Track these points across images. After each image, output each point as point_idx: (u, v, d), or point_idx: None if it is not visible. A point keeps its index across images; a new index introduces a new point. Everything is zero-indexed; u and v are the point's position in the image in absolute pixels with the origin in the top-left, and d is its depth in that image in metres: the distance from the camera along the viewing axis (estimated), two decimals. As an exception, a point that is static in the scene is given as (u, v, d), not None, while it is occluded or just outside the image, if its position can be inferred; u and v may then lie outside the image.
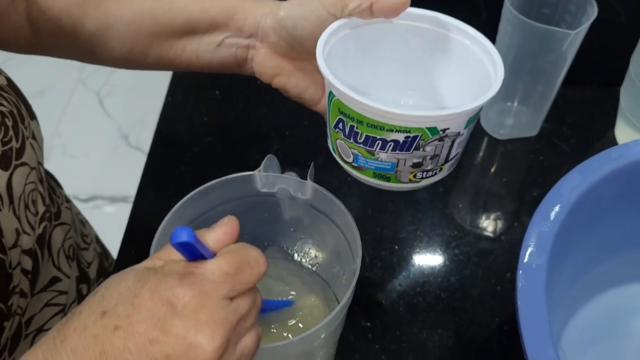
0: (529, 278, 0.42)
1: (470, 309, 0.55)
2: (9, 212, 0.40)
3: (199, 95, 0.73)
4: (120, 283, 0.29)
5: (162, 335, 0.27)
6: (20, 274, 0.41)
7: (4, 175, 0.40)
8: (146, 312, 0.27)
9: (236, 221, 0.32)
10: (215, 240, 0.31)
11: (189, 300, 0.27)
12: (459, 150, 0.44)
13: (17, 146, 0.42)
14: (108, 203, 1.55)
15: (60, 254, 0.48)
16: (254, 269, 0.30)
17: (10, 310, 0.40)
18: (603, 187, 0.48)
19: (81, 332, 0.27)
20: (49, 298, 0.46)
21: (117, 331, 0.27)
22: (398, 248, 0.59)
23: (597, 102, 0.72)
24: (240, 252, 0.30)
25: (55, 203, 0.49)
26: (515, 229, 0.61)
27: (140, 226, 0.59)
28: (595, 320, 0.53)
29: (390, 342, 0.52)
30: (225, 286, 0.29)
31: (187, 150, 0.67)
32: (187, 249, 0.29)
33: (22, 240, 0.41)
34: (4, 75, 0.45)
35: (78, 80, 1.86)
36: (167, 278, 0.28)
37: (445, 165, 0.44)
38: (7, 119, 0.41)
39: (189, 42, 0.46)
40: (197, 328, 0.27)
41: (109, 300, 0.28)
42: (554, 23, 0.61)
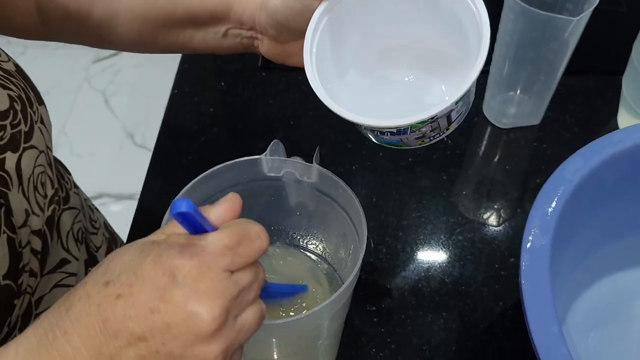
0: (532, 257, 0.42)
1: (474, 293, 0.55)
2: (18, 193, 0.40)
3: (205, 86, 0.74)
4: (124, 255, 0.29)
5: (162, 305, 0.27)
6: (29, 254, 0.41)
7: (13, 157, 0.40)
8: (148, 282, 0.28)
9: (239, 198, 0.32)
10: (217, 216, 0.31)
11: (189, 270, 0.28)
12: (463, 110, 0.43)
13: (26, 129, 0.42)
14: (114, 201, 1.56)
15: (69, 237, 0.49)
16: (255, 243, 0.30)
17: (21, 289, 0.41)
18: (605, 170, 0.49)
19: (85, 300, 0.28)
20: (59, 279, 0.47)
21: (119, 300, 0.27)
22: (402, 234, 0.60)
23: (599, 91, 0.72)
24: (242, 226, 0.30)
25: (64, 188, 0.50)
26: (519, 215, 0.61)
27: (148, 212, 0.60)
28: (598, 304, 0.54)
29: (395, 326, 0.53)
30: (225, 258, 0.29)
31: (194, 141, 0.68)
32: (188, 221, 0.29)
33: (31, 221, 0.41)
34: (12, 61, 0.45)
35: (84, 79, 1.87)
36: (169, 249, 0.29)
37: (452, 125, 0.44)
38: (16, 103, 0.42)
39: (195, 32, 0.46)
40: (197, 298, 0.28)
41: (112, 270, 0.29)
42: (555, 11, 0.62)
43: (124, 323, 0.27)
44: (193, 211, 0.28)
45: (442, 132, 0.44)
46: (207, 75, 0.75)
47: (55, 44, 1.94)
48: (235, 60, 0.76)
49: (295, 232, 0.52)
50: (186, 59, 0.77)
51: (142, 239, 0.31)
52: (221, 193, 0.46)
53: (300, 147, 0.67)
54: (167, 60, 1.84)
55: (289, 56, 0.46)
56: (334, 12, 0.43)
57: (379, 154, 0.66)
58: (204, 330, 0.28)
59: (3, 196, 0.39)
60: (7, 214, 0.39)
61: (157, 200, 0.63)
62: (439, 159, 0.66)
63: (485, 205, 0.62)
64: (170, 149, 0.67)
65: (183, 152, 0.67)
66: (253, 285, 0.31)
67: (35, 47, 1.92)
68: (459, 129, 0.69)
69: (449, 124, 0.43)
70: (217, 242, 0.29)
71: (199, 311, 0.27)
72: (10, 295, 0.39)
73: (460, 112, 0.43)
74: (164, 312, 0.27)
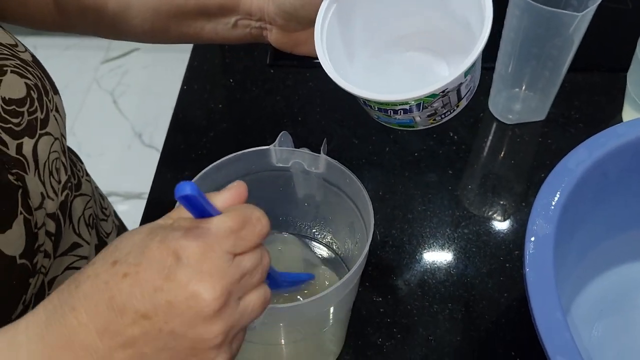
0: (536, 246, 0.43)
1: (479, 285, 0.56)
2: (34, 177, 0.42)
3: (213, 83, 0.75)
4: (133, 236, 0.30)
5: (165, 283, 0.28)
6: (44, 235, 0.43)
7: (30, 142, 0.42)
8: (154, 262, 0.28)
9: (244, 185, 0.33)
10: (223, 201, 0.32)
11: (192, 251, 0.28)
12: (472, 85, 0.44)
13: (42, 117, 0.44)
14: (123, 200, 1.57)
15: (80, 221, 0.50)
16: (256, 227, 0.31)
17: (35, 268, 0.42)
18: (609, 162, 0.49)
19: (94, 278, 0.29)
20: (70, 262, 0.48)
21: (125, 278, 0.28)
22: (408, 227, 0.60)
23: (604, 88, 0.73)
24: (243, 211, 0.31)
25: (76, 175, 0.51)
26: (523, 209, 0.62)
27: (158, 205, 0.61)
28: (602, 296, 0.54)
29: (401, 316, 0.54)
30: (229, 241, 0.29)
31: (203, 136, 0.69)
32: (193, 205, 0.29)
33: (46, 204, 0.43)
34: (29, 52, 0.47)
35: (93, 80, 1.89)
36: (174, 231, 0.29)
37: (461, 102, 0.44)
38: (33, 91, 0.43)
39: (206, 22, 0.48)
40: (199, 278, 0.28)
41: (120, 250, 0.29)
42: (560, 7, 0.62)
43: (130, 301, 0.28)
44: (197, 193, 0.28)
45: (452, 110, 0.44)
46: (216, 72, 0.77)
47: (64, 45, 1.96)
48: (244, 57, 0.77)
49: (303, 223, 0.53)
50: (195, 56, 0.78)
51: (151, 222, 0.32)
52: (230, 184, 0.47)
53: (308, 142, 0.68)
54: (175, 61, 1.87)
55: (297, 45, 0.47)
56: (340, 1, 0.44)
57: (385, 149, 0.67)
58: (205, 310, 0.28)
59: (20, 179, 0.40)
60: (24, 196, 0.40)
61: (166, 193, 0.64)
62: (445, 153, 0.67)
63: (491, 199, 0.63)
64: (179, 144, 0.68)
65: (192, 147, 0.68)
66: (257, 268, 0.31)
67: (44, 47, 1.94)
68: (464, 124, 0.70)
69: (459, 100, 0.44)
70: (220, 225, 0.30)
71: (200, 291, 0.28)
72: (26, 274, 0.41)
73: (469, 88, 0.44)
74: (167, 291, 0.28)
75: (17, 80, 0.43)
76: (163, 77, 1.88)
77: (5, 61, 0.43)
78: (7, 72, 0.42)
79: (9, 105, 0.41)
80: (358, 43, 0.47)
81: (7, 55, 0.43)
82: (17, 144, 0.41)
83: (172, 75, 1.58)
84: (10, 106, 0.41)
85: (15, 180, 0.40)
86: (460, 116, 0.70)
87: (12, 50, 0.44)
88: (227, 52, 0.78)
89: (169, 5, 0.47)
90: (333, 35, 0.44)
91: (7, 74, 0.42)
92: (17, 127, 0.41)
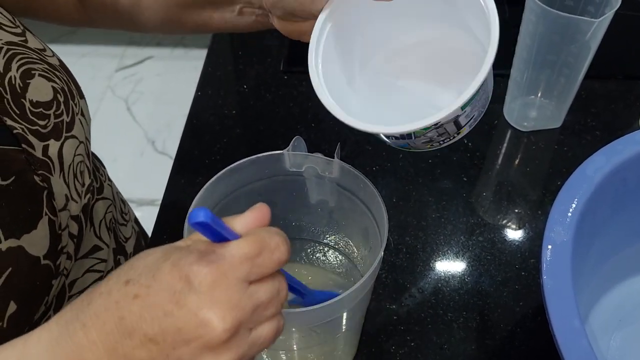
0: (554, 253, 0.42)
1: (494, 293, 0.55)
2: (59, 179, 0.42)
3: (227, 89, 0.75)
4: (148, 256, 0.30)
5: (175, 309, 0.27)
6: (67, 237, 0.43)
7: (56, 144, 0.42)
8: (165, 285, 0.28)
9: (267, 207, 0.32)
10: (243, 225, 0.31)
11: (204, 277, 0.28)
12: (475, 115, 0.42)
13: (68, 120, 0.44)
14: (136, 206, 1.58)
15: (101, 225, 0.50)
16: (275, 255, 0.29)
17: (58, 270, 0.42)
18: (627, 169, 0.48)
19: (106, 297, 0.29)
20: (90, 265, 0.48)
21: (136, 299, 0.28)
22: (422, 234, 0.60)
23: (621, 95, 0.72)
24: (263, 236, 0.30)
25: (99, 179, 0.52)
26: (539, 217, 0.61)
27: (172, 209, 0.61)
28: (621, 305, 0.53)
29: (415, 324, 0.53)
30: (243, 268, 0.29)
31: (217, 142, 0.69)
32: (209, 230, 0.29)
33: (70, 206, 0.43)
34: (56, 57, 0.48)
35: (107, 87, 1.91)
36: (188, 255, 0.29)
37: (463, 129, 0.43)
38: (59, 95, 0.44)
39: (213, 11, 0.48)
40: (210, 306, 0.27)
41: (135, 270, 0.29)
42: (577, 13, 0.62)
43: (139, 323, 0.28)
44: (210, 221, 0.27)
45: (452, 137, 0.43)
46: (230, 79, 0.77)
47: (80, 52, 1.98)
48: (257, 64, 0.77)
49: (317, 228, 0.52)
50: (209, 62, 0.78)
51: (169, 244, 0.31)
52: (244, 188, 0.47)
53: (321, 148, 0.67)
54: (188, 69, 1.88)
55: (302, 34, 0.46)
56: (336, 18, 0.42)
57: (399, 156, 0.67)
58: (214, 339, 0.27)
59: (46, 180, 0.41)
60: (49, 197, 0.41)
61: (180, 199, 0.64)
62: (459, 160, 0.66)
63: (506, 207, 0.62)
64: (193, 149, 0.69)
65: (206, 153, 0.68)
66: (272, 301, 0.30)
67: (61, 55, 1.96)
68: (479, 131, 0.69)
69: (459, 129, 0.42)
70: (236, 250, 0.29)
71: (211, 319, 0.27)
72: (49, 275, 0.41)
73: (472, 117, 0.42)
74: (177, 317, 0.27)
75: (45, 83, 0.43)
76: (176, 84, 1.89)
77: (34, 65, 0.44)
78: (35, 76, 0.43)
79: (36, 108, 0.42)
80: (357, 62, 0.46)
81: (36, 59, 0.44)
82: (43, 145, 0.42)
83: (185, 83, 1.59)
84: (38, 109, 0.42)
85: (40, 181, 0.41)
86: (474, 123, 0.70)
87: (40, 55, 0.45)
88: (240, 58, 0.79)
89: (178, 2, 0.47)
90: (330, 57, 0.42)
91: (35, 77, 0.43)
92: (44, 129, 0.42)
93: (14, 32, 0.44)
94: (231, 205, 0.47)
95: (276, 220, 0.50)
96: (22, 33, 0.45)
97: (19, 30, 0.45)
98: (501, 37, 0.39)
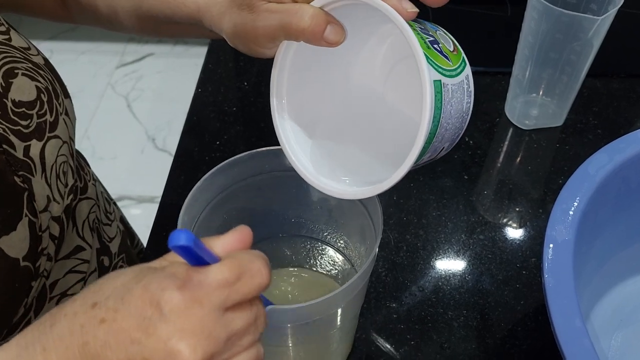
0: (556, 252, 0.42)
1: (495, 291, 0.55)
2: (41, 180, 0.42)
3: (228, 86, 0.75)
4: (118, 277, 0.28)
5: (144, 337, 0.26)
6: (48, 239, 0.42)
7: (38, 145, 0.42)
8: (134, 310, 0.26)
9: (249, 230, 0.30)
10: (224, 247, 0.29)
11: (176, 304, 0.26)
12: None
13: (51, 120, 0.44)
14: (135, 204, 1.57)
15: (84, 225, 0.50)
16: (255, 280, 0.28)
17: (38, 271, 0.41)
18: (630, 168, 0.48)
19: (71, 318, 0.27)
20: (72, 265, 0.48)
21: (102, 324, 0.26)
22: (423, 233, 0.60)
23: (623, 94, 0.72)
24: (243, 259, 0.28)
25: (83, 179, 0.51)
26: (540, 215, 0.61)
27: (173, 205, 0.61)
28: (622, 305, 0.53)
29: (415, 322, 0.53)
30: (220, 294, 0.27)
31: (217, 139, 0.68)
32: (189, 253, 0.27)
33: (52, 207, 0.43)
34: (41, 55, 0.47)
35: (107, 85, 1.90)
36: (162, 279, 0.27)
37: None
38: (43, 94, 0.44)
39: (188, 26, 0.46)
40: (180, 336, 0.26)
41: (103, 291, 0.28)
42: (580, 11, 0.62)
43: (103, 350, 0.26)
44: (192, 244, 0.26)
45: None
46: (230, 76, 0.76)
47: (80, 50, 1.98)
48: (257, 61, 0.77)
49: (315, 226, 0.52)
50: (210, 59, 0.78)
51: (143, 264, 0.30)
52: (243, 182, 0.46)
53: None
54: (189, 66, 1.88)
55: None
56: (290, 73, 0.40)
57: (399, 153, 0.66)
58: None
59: (27, 181, 0.40)
60: (29, 198, 0.40)
61: (179, 196, 0.63)
62: (460, 158, 0.66)
63: (507, 205, 0.62)
64: (193, 146, 0.68)
65: (205, 150, 0.68)
66: (249, 330, 0.29)
67: (60, 52, 1.96)
68: (480, 129, 0.69)
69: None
70: (214, 276, 0.27)
71: (180, 350, 0.26)
72: (28, 277, 0.40)
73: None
74: (144, 345, 0.26)
75: (28, 83, 0.43)
76: (177, 82, 1.89)
77: (17, 64, 0.43)
78: (18, 75, 0.42)
79: (18, 108, 0.41)
80: (325, 99, 0.43)
81: (19, 58, 0.44)
82: (24, 146, 0.41)
83: (186, 81, 1.59)
84: (20, 108, 0.41)
85: (21, 182, 0.40)
86: (476, 121, 0.70)
87: (24, 54, 0.45)
88: (241, 55, 0.78)
89: (146, 14, 0.47)
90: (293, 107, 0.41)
91: (18, 76, 0.42)
92: (26, 129, 0.41)
93: None
94: (228, 199, 0.46)
95: (274, 216, 0.51)
96: (6, 31, 0.44)
97: (3, 28, 0.44)
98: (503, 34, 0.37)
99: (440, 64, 0.35)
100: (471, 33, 0.78)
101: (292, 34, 0.36)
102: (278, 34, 0.36)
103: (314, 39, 0.35)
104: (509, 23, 0.78)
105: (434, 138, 0.36)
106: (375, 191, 0.38)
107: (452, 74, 0.36)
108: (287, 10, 0.35)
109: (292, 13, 0.35)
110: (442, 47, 0.36)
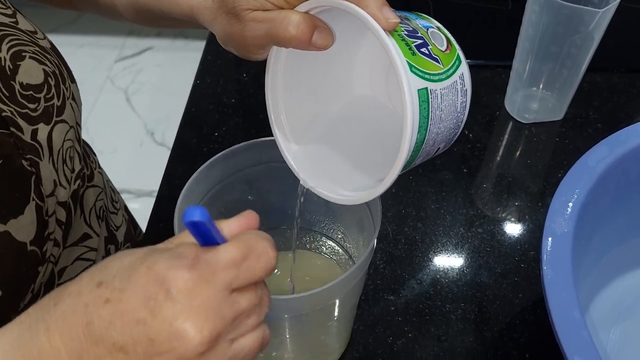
0: (554, 244, 0.42)
1: (493, 285, 0.55)
2: (48, 164, 0.42)
3: (227, 77, 0.74)
4: (125, 257, 0.28)
5: (149, 317, 0.26)
6: (54, 223, 0.42)
7: (45, 129, 0.41)
8: (139, 289, 0.26)
9: (255, 215, 0.30)
10: (230, 230, 0.29)
11: (184, 283, 0.26)
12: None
13: (58, 104, 0.44)
14: (134, 197, 1.57)
15: (92, 213, 0.50)
16: (262, 260, 0.28)
17: (45, 256, 0.41)
18: (630, 160, 0.48)
19: (75, 297, 0.27)
20: (80, 252, 0.48)
21: (107, 304, 0.26)
22: (421, 225, 0.59)
23: (623, 88, 0.71)
24: (250, 240, 0.28)
25: (89, 167, 0.51)
26: (539, 209, 0.61)
27: (170, 197, 0.61)
28: (621, 298, 0.53)
29: (412, 315, 0.53)
30: (228, 273, 0.27)
31: (215, 130, 0.68)
32: (200, 231, 0.27)
33: (58, 192, 0.42)
34: (48, 39, 0.47)
35: (106, 78, 1.90)
36: (169, 259, 0.27)
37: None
38: (50, 78, 0.43)
39: (186, 21, 0.45)
40: (187, 315, 0.26)
41: (109, 271, 0.27)
42: (581, 3, 0.61)
43: (108, 330, 0.26)
44: (206, 220, 0.26)
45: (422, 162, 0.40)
46: (229, 67, 0.76)
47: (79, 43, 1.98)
48: (257, 53, 0.77)
49: (313, 217, 0.52)
50: (209, 50, 0.77)
51: (151, 246, 0.29)
52: (239, 173, 0.46)
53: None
54: (188, 60, 1.87)
55: None
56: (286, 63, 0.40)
57: (399, 146, 0.66)
58: (189, 352, 0.26)
59: (34, 165, 0.40)
60: (37, 182, 0.40)
61: (176, 188, 0.63)
62: (460, 151, 0.66)
63: (506, 199, 0.62)
64: (191, 138, 0.68)
65: (204, 142, 0.67)
66: (254, 309, 0.29)
67: (59, 45, 1.95)
68: (480, 123, 0.69)
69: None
70: (222, 255, 0.27)
71: (186, 330, 0.25)
72: (35, 262, 0.40)
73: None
74: (150, 326, 0.25)
75: (36, 66, 0.43)
76: (176, 75, 1.88)
77: (25, 47, 0.43)
78: (25, 58, 0.42)
79: (26, 91, 0.41)
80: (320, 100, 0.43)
81: (27, 41, 0.43)
82: (32, 129, 0.41)
83: (185, 74, 1.58)
84: (28, 91, 0.41)
85: (29, 166, 0.40)
86: (475, 114, 0.69)
87: (31, 37, 0.45)
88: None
89: (143, 9, 0.46)
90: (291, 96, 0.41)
91: (26, 59, 0.42)
92: (34, 112, 0.41)
93: (5, 12, 0.43)
94: (225, 191, 0.46)
95: (272, 207, 0.50)
96: (12, 14, 0.44)
97: (10, 11, 0.44)
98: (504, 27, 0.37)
99: (427, 70, 0.34)
100: (472, 26, 0.78)
101: (280, 42, 0.36)
102: (266, 42, 0.37)
103: (301, 46, 0.35)
104: (509, 16, 0.78)
105: (422, 144, 0.35)
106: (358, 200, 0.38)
107: (442, 78, 0.35)
108: (272, 19, 0.35)
109: (278, 22, 0.35)
110: (432, 49, 0.35)
